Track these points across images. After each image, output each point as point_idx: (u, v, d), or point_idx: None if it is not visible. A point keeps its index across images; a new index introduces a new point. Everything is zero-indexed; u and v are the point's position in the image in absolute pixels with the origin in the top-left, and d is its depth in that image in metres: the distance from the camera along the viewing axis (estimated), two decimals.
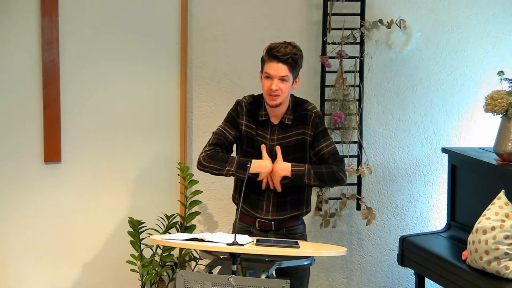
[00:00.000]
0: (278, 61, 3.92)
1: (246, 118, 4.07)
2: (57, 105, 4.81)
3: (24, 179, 4.83)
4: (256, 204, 4.07)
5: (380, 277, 5.36)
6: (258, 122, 4.06)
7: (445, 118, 5.30)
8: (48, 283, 4.93)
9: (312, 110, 4.05)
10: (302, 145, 4.04)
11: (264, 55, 3.98)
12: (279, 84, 3.93)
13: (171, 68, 4.95)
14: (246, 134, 4.07)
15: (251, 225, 4.10)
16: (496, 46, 5.28)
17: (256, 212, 4.07)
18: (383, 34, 5.05)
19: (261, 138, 4.04)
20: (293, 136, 4.03)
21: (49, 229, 4.89)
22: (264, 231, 4.06)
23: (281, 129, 4.04)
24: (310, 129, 4.03)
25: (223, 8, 4.98)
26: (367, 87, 5.14)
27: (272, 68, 3.93)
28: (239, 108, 4.09)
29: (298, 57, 3.97)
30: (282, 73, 3.92)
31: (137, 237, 4.77)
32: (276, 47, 3.94)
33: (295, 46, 3.99)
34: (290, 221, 4.08)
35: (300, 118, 4.03)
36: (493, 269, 4.11)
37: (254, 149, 4.05)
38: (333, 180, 4.03)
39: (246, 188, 3.91)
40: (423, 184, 5.32)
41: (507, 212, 4.18)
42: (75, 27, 4.80)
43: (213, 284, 3.66)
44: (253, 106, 4.08)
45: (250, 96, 4.12)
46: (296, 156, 4.03)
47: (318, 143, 4.04)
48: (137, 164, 4.97)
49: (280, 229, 4.08)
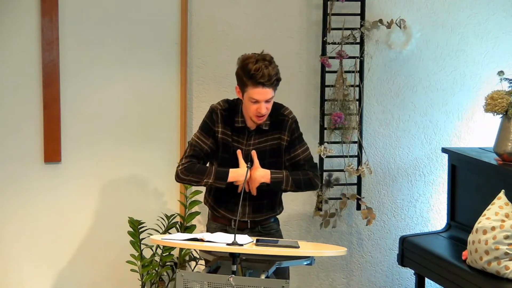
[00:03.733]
0: (264, 86, 3.87)
1: (221, 125, 4.05)
2: (57, 105, 4.81)
3: (24, 179, 4.83)
4: (232, 208, 4.07)
5: (380, 277, 5.36)
6: (234, 129, 4.05)
7: (445, 118, 5.30)
8: (48, 283, 4.93)
9: (288, 115, 4.05)
10: (278, 149, 4.05)
11: (245, 77, 3.89)
12: (266, 105, 3.92)
13: (171, 68, 4.95)
14: (222, 141, 4.06)
15: (227, 225, 4.11)
16: (496, 46, 5.28)
17: (232, 215, 4.07)
18: (383, 34, 5.05)
19: (237, 143, 4.04)
20: (269, 141, 4.04)
21: (49, 229, 4.89)
22: (240, 229, 4.03)
23: (257, 134, 4.04)
24: (286, 134, 4.04)
25: (223, 8, 4.98)
26: (367, 87, 5.14)
27: (258, 93, 3.88)
28: (214, 116, 4.06)
29: (279, 75, 3.93)
30: (269, 96, 3.90)
31: (137, 237, 4.77)
32: (258, 70, 3.84)
33: (271, 61, 3.90)
34: (267, 220, 4.12)
35: (277, 123, 4.03)
36: (493, 269, 4.11)
37: (230, 155, 4.04)
38: (309, 186, 4.08)
39: (223, 193, 4.00)
40: (423, 184, 5.32)
41: (507, 212, 4.18)
42: (75, 27, 4.80)
43: (213, 284, 3.66)
44: (229, 113, 4.06)
45: (225, 102, 4.09)
46: (271, 161, 4.04)
47: (294, 148, 4.06)
48: (137, 164, 4.97)
49: (255, 227, 4.10)
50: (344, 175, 5.06)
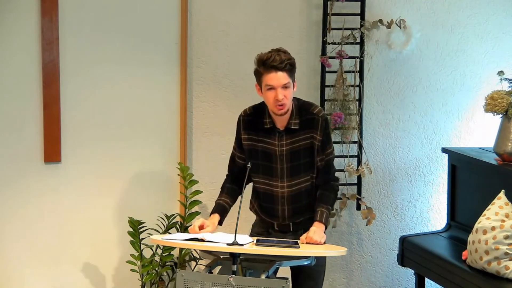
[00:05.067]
0: (277, 70, 3.88)
1: (245, 131, 4.07)
2: (57, 105, 4.81)
3: (24, 179, 4.84)
4: (272, 213, 4.11)
5: (380, 277, 5.36)
6: (264, 130, 4.05)
7: (445, 118, 5.30)
8: (48, 283, 4.93)
9: (318, 114, 4.03)
10: (311, 149, 4.04)
11: (259, 68, 3.92)
12: (283, 92, 3.90)
13: (171, 68, 4.95)
14: (247, 147, 4.08)
15: (270, 227, 4.15)
16: (496, 46, 5.28)
17: (272, 219, 4.12)
18: (383, 34, 5.05)
19: (270, 145, 4.03)
20: (302, 141, 4.03)
21: (49, 229, 4.89)
22: (282, 232, 4.10)
23: (288, 134, 4.02)
24: (319, 134, 4.02)
25: (223, 8, 4.98)
26: (367, 87, 5.14)
27: (273, 79, 3.89)
28: (238, 124, 4.11)
29: (293, 61, 3.94)
30: (284, 81, 3.90)
31: (137, 237, 4.77)
32: (270, 57, 3.88)
33: (285, 52, 3.95)
34: (308, 222, 4.08)
35: (307, 122, 4.02)
36: (493, 269, 4.11)
37: (257, 159, 4.06)
38: (336, 197, 4.18)
39: (264, 199, 4.10)
40: (423, 184, 5.33)
41: (507, 212, 4.18)
42: (75, 27, 4.80)
43: (213, 284, 3.67)
44: (255, 117, 4.07)
45: (251, 107, 4.11)
46: (306, 161, 4.04)
47: (326, 148, 4.06)
48: (137, 164, 4.97)
49: (298, 230, 4.10)
50: (344, 175, 5.06)
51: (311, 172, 4.06)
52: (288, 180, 4.04)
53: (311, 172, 4.05)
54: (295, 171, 4.03)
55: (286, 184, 4.04)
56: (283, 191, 4.05)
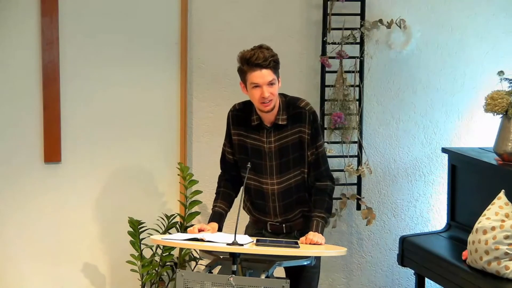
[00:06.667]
0: (261, 67, 3.87)
1: (234, 127, 4.08)
2: (57, 105, 4.81)
3: (24, 179, 4.83)
4: (264, 210, 4.10)
5: (380, 277, 5.36)
6: (252, 127, 4.05)
7: (445, 118, 5.30)
8: (48, 283, 4.93)
9: (305, 107, 4.02)
10: (300, 143, 4.03)
11: (243, 66, 3.92)
12: (269, 89, 3.90)
13: (171, 68, 4.95)
14: (237, 142, 4.09)
15: (263, 228, 4.14)
16: (496, 46, 5.28)
17: (265, 217, 4.11)
18: (383, 34, 5.05)
19: (258, 142, 4.04)
20: (290, 136, 4.02)
21: (49, 229, 4.89)
22: (276, 233, 4.10)
23: (276, 131, 4.02)
24: (307, 127, 4.01)
25: (223, 8, 4.98)
26: (367, 87, 5.14)
27: (258, 76, 3.89)
28: (227, 120, 4.11)
29: (277, 58, 3.94)
30: (269, 78, 3.89)
31: (137, 237, 4.77)
32: (253, 55, 3.88)
33: (268, 48, 3.95)
34: (300, 221, 4.09)
35: (294, 117, 4.01)
36: (493, 269, 4.11)
37: (246, 155, 4.06)
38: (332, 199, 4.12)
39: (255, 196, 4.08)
40: (423, 184, 5.32)
41: (507, 212, 4.18)
42: (75, 27, 4.80)
43: (213, 284, 3.67)
44: (243, 113, 4.07)
45: (241, 103, 4.11)
46: (295, 156, 4.03)
47: (316, 141, 4.04)
48: (137, 164, 4.97)
49: (291, 232, 4.10)
50: (344, 175, 5.07)
51: (301, 167, 4.04)
52: (277, 177, 4.03)
53: (301, 167, 4.04)
54: (284, 168, 4.03)
55: (275, 181, 4.04)
56: (273, 188, 4.04)
